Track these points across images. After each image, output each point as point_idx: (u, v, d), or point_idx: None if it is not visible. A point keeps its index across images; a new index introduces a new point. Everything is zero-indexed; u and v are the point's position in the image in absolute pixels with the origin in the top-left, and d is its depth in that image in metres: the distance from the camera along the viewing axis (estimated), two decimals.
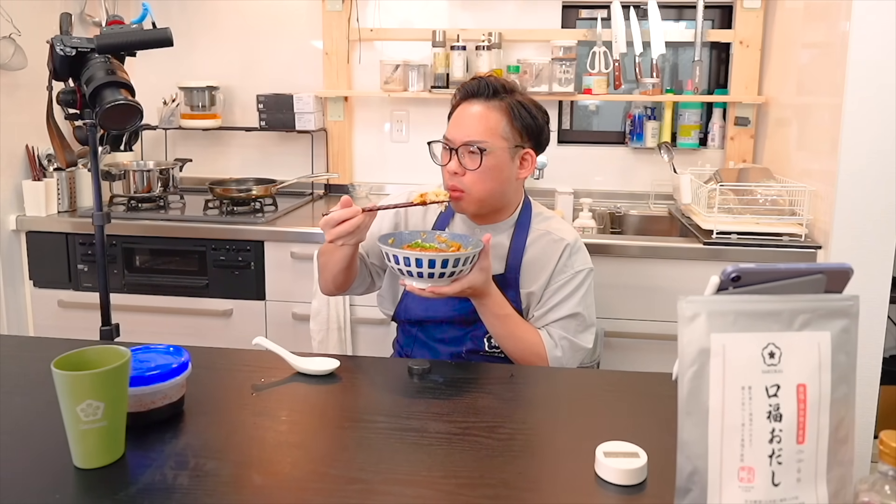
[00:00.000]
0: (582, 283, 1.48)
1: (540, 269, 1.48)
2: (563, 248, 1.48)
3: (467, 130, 1.42)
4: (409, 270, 1.23)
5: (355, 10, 2.67)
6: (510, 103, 1.44)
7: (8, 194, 2.31)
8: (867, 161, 1.82)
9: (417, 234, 1.39)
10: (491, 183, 1.43)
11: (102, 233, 1.54)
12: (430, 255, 1.22)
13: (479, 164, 1.41)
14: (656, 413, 1.07)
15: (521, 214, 1.52)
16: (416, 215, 1.57)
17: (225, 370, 1.22)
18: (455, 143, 1.43)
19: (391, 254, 1.25)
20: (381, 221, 1.56)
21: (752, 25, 2.53)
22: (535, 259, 1.48)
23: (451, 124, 1.47)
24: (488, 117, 1.43)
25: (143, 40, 1.49)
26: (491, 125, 1.42)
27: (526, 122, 1.45)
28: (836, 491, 0.72)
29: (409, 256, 1.22)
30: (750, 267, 0.73)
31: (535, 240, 1.50)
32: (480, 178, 1.42)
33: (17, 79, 2.28)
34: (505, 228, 1.51)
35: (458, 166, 1.42)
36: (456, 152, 1.42)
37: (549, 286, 1.48)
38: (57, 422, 0.89)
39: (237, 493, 0.86)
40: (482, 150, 1.41)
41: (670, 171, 2.49)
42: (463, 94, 1.47)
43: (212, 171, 2.78)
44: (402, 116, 2.76)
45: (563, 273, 1.48)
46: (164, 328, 2.27)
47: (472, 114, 1.44)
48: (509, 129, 1.44)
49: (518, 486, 0.88)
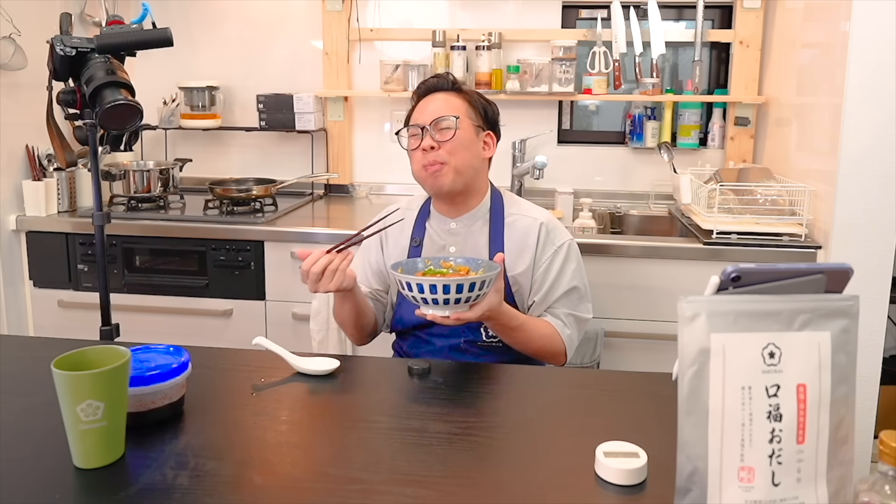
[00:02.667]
0: (567, 255, 1.53)
1: (521, 252, 1.52)
2: (538, 227, 1.53)
3: (437, 110, 1.51)
4: (433, 298, 1.20)
5: (355, 10, 2.67)
6: (468, 92, 1.57)
7: (8, 194, 2.31)
8: (867, 161, 1.82)
9: (422, 262, 1.37)
10: (464, 153, 1.50)
11: (102, 233, 1.54)
12: (454, 280, 1.19)
13: (454, 134, 1.49)
14: (656, 413, 1.07)
15: (493, 203, 1.57)
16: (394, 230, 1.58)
17: (225, 370, 1.22)
18: (425, 122, 1.50)
19: (411, 282, 1.20)
20: (369, 254, 1.61)
21: (752, 25, 2.53)
22: (515, 243, 1.53)
23: (418, 113, 1.54)
24: (451, 101, 1.53)
25: (143, 40, 1.49)
26: (456, 105, 1.53)
27: (485, 108, 1.58)
28: (836, 491, 0.72)
29: (435, 284, 1.18)
30: (750, 267, 0.73)
31: (511, 224, 1.55)
32: (455, 147, 1.49)
33: (17, 79, 2.28)
34: (479, 217, 1.55)
35: (432, 141, 1.48)
36: (427, 130, 1.49)
37: (537, 267, 1.52)
38: (57, 422, 0.89)
39: (237, 493, 0.86)
40: (456, 119, 1.49)
41: (670, 171, 2.49)
42: (423, 91, 1.56)
43: (212, 171, 2.78)
44: (402, 116, 2.74)
45: (546, 252, 1.52)
46: (164, 328, 2.27)
47: (438, 99, 1.53)
48: (472, 111, 1.54)
49: (518, 485, 0.88)
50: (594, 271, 2.06)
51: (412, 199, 1.67)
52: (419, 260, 1.38)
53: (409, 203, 1.65)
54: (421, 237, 1.57)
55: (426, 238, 1.57)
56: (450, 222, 1.56)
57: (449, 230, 1.56)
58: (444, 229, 1.57)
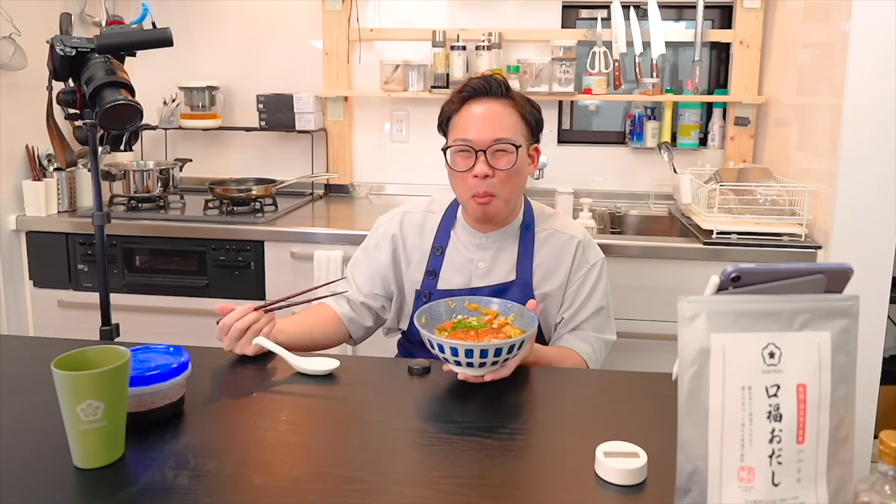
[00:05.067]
0: (600, 274, 1.48)
1: (555, 270, 1.46)
2: (575, 245, 1.47)
3: (495, 130, 1.37)
4: (467, 362, 1.10)
5: (355, 10, 2.67)
6: (519, 101, 1.42)
7: (8, 194, 2.31)
8: (867, 161, 1.82)
9: (445, 305, 1.26)
10: (517, 180, 1.41)
11: (102, 233, 1.54)
12: (493, 344, 1.09)
13: (515, 163, 1.37)
14: (656, 413, 1.07)
15: (524, 216, 1.50)
16: (412, 233, 1.52)
17: (225, 370, 1.22)
18: (483, 145, 1.36)
19: (443, 345, 1.10)
20: (378, 253, 1.52)
21: (752, 25, 2.53)
22: (548, 259, 1.46)
23: (469, 125, 1.38)
24: (508, 115, 1.39)
25: (143, 40, 1.49)
26: (513, 122, 1.39)
27: (534, 116, 1.44)
28: (836, 491, 0.72)
29: (472, 349, 1.08)
30: (750, 267, 0.73)
31: (545, 240, 1.48)
32: (509, 176, 1.38)
33: (17, 79, 2.28)
34: (511, 232, 1.48)
35: (489, 168, 1.36)
36: (485, 154, 1.36)
37: (570, 285, 1.46)
38: (57, 422, 0.89)
39: (237, 493, 0.86)
40: (517, 147, 1.38)
41: (670, 171, 2.49)
42: (470, 94, 1.40)
43: (212, 171, 2.78)
44: (402, 116, 2.76)
45: (581, 270, 1.46)
46: (164, 328, 2.27)
47: (492, 112, 1.38)
48: (523, 125, 1.42)
49: (518, 486, 0.88)
50: None
51: (433, 200, 1.57)
52: (441, 303, 1.26)
53: (429, 205, 1.55)
54: (444, 245, 1.49)
55: (450, 247, 1.49)
56: (479, 236, 1.47)
57: (478, 244, 1.47)
58: (472, 242, 1.48)
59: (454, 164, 1.40)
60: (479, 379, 1.13)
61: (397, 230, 1.52)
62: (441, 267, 1.48)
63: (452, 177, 1.43)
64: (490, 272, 1.47)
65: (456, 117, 1.42)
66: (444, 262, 1.48)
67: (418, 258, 1.50)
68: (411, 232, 1.52)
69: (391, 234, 1.52)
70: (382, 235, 1.54)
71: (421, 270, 1.50)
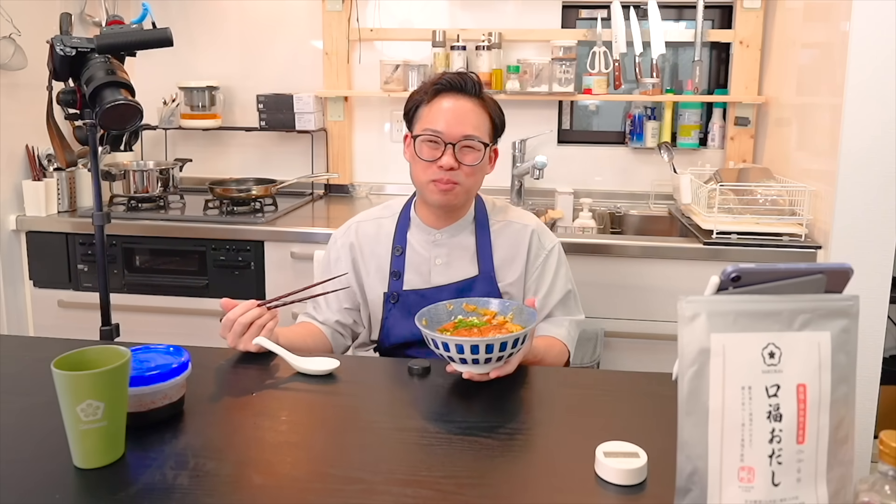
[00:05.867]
0: (559, 260, 1.52)
1: (512, 261, 1.50)
2: (529, 234, 1.51)
3: (465, 126, 1.42)
4: (473, 358, 1.09)
5: (355, 10, 2.67)
6: (489, 102, 1.48)
7: (8, 194, 2.31)
8: (867, 161, 1.82)
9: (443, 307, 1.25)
10: (479, 176, 1.47)
11: (102, 233, 1.54)
12: (498, 338, 1.09)
13: (481, 160, 1.43)
14: (656, 413, 1.07)
15: (477, 211, 1.53)
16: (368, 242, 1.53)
17: (225, 370, 1.22)
18: (452, 139, 1.41)
19: (448, 343, 1.09)
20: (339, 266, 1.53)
21: (752, 25, 2.53)
22: (505, 252, 1.50)
23: (440, 117, 1.42)
24: (478, 114, 1.44)
25: (143, 40, 1.49)
26: (482, 121, 1.45)
27: (500, 119, 1.50)
28: (836, 491, 0.72)
29: (477, 345, 1.08)
30: (750, 267, 0.73)
31: (499, 232, 1.51)
32: (472, 171, 1.43)
33: (17, 79, 2.28)
34: (465, 226, 1.52)
35: (455, 161, 1.41)
36: (453, 147, 1.41)
37: (529, 274, 1.50)
38: (57, 422, 0.89)
39: (237, 493, 0.86)
40: (486, 146, 1.43)
41: (670, 171, 2.49)
42: (445, 87, 1.44)
43: (212, 171, 2.78)
44: (402, 116, 2.75)
45: (539, 258, 1.50)
46: (164, 328, 2.27)
47: (465, 109, 1.43)
48: (490, 125, 1.47)
49: (518, 485, 0.88)
50: (594, 271, 2.07)
51: (386, 205, 1.60)
52: (440, 306, 1.25)
53: (382, 210, 1.58)
54: (403, 246, 1.51)
55: (408, 248, 1.51)
56: (434, 233, 1.50)
57: (433, 241, 1.50)
58: (427, 240, 1.51)
59: (420, 152, 1.44)
60: (485, 377, 1.14)
61: (354, 239, 1.55)
62: (403, 268, 1.50)
63: (415, 163, 1.46)
64: (449, 267, 1.49)
65: (426, 108, 1.46)
66: (405, 263, 1.51)
67: (376, 265, 1.52)
68: (367, 241, 1.54)
69: (349, 244, 1.55)
70: (341, 248, 1.55)
71: (380, 278, 1.52)
